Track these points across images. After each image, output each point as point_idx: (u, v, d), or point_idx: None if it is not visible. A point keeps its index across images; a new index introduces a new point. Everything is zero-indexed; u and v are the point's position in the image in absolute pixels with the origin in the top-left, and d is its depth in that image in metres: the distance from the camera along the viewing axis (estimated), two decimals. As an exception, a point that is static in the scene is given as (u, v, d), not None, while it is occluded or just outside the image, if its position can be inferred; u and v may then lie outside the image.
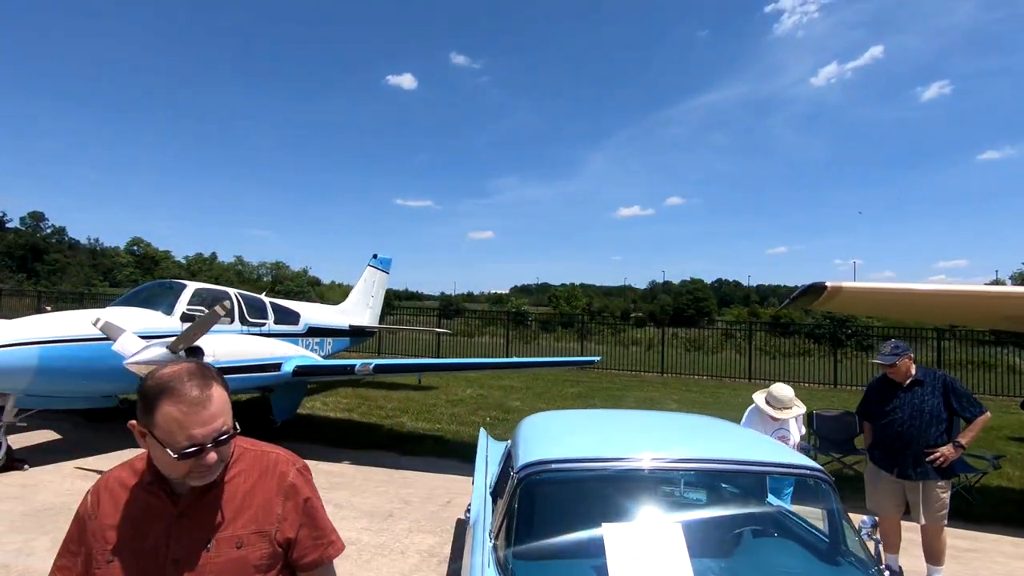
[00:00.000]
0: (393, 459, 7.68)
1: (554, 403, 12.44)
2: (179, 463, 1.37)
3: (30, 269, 60.18)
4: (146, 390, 1.42)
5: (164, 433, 1.36)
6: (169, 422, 1.35)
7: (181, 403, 1.36)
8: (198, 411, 1.38)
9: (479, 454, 5.10)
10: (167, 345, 6.14)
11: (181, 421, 1.35)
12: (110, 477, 1.58)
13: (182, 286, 8.53)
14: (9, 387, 6.37)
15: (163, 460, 1.41)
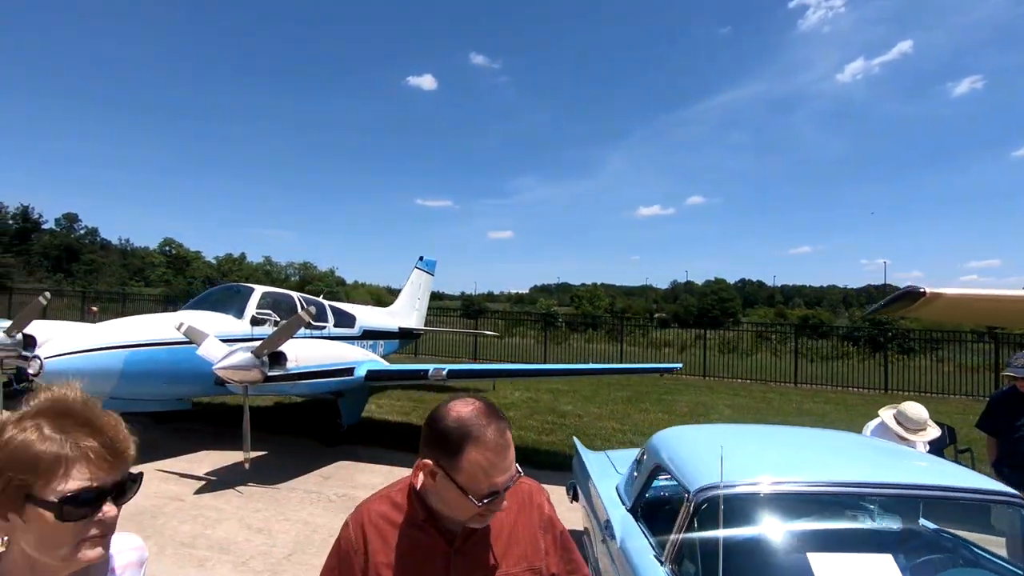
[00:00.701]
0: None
1: (605, 407, 12.29)
2: (473, 507, 1.33)
3: (65, 269, 61.91)
4: (448, 432, 1.35)
5: (468, 479, 1.32)
6: (475, 469, 1.31)
7: (488, 450, 1.32)
8: (502, 458, 1.35)
9: (581, 467, 4.94)
10: (252, 350, 6.15)
11: (487, 469, 1.32)
12: (370, 511, 1.52)
13: (250, 290, 8.60)
14: (96, 390, 6.34)
15: (455, 503, 1.36)
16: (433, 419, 1.40)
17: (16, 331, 7.31)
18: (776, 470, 2.59)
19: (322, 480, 6.74)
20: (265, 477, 6.54)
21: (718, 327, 42.21)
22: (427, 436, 1.40)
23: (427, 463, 1.36)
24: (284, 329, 6.20)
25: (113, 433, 0.98)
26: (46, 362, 5.94)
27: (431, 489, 1.39)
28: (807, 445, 3.14)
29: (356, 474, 7.03)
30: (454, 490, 1.32)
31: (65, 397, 1.00)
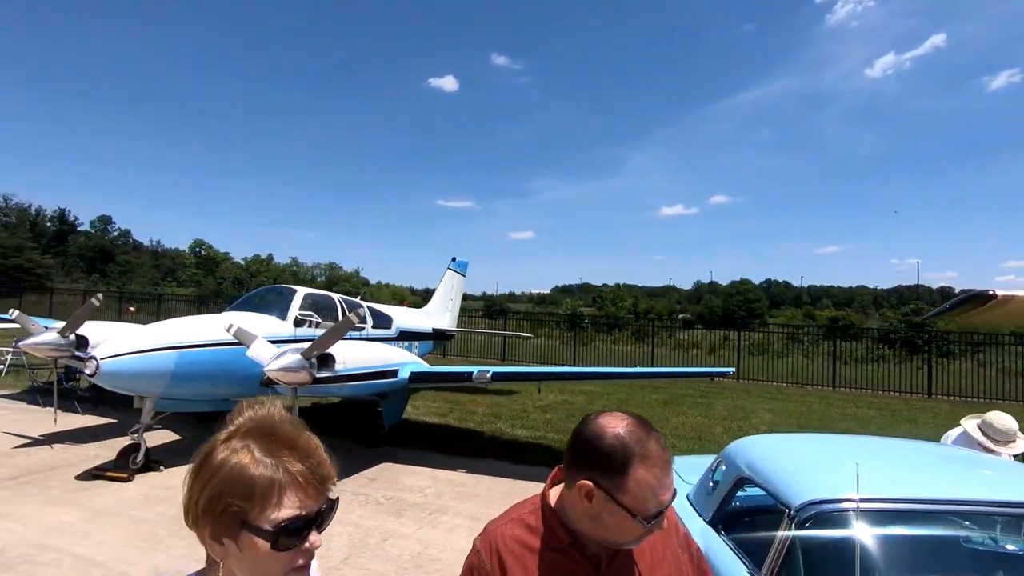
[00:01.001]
0: (507, 468, 7.54)
1: (640, 409, 12.05)
2: (639, 529, 1.24)
3: (100, 270, 63.72)
4: (610, 451, 1.25)
5: (635, 500, 1.22)
6: (643, 488, 1.22)
7: (655, 467, 1.23)
8: (667, 473, 1.26)
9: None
10: (301, 352, 6.16)
11: (655, 487, 1.23)
12: (504, 535, 1.42)
13: (292, 291, 8.65)
14: (148, 390, 6.54)
15: (618, 526, 1.26)
16: (587, 438, 1.30)
17: (70, 331, 7.46)
18: (887, 485, 2.43)
19: (368, 482, 6.73)
20: (312, 478, 6.54)
21: (744, 328, 41.44)
22: (582, 456, 1.31)
23: (586, 484, 1.27)
24: (333, 331, 6.20)
25: (318, 457, 0.92)
26: (102, 363, 6.03)
27: (586, 512, 1.29)
28: (910, 458, 2.96)
29: (401, 476, 7.00)
30: (618, 512, 1.23)
31: (271, 417, 0.94)
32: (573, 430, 1.38)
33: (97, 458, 7.10)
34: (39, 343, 7.35)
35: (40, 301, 32.33)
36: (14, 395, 10.95)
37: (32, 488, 5.97)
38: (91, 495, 5.86)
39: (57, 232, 72.08)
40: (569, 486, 1.35)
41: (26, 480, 6.20)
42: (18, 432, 8.14)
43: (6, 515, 5.23)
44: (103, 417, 9.36)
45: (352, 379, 6.50)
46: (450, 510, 5.94)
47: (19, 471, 6.49)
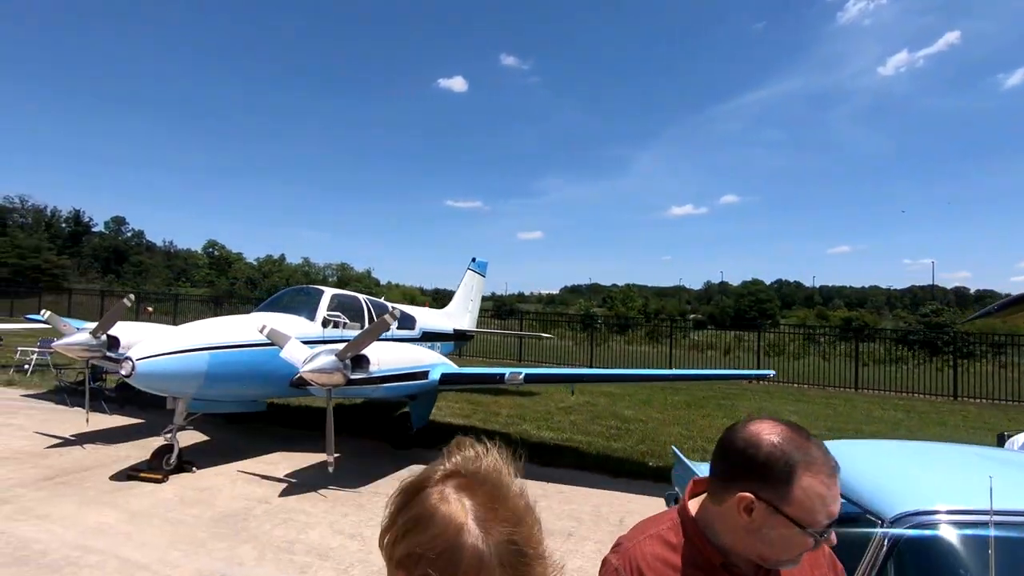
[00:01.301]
0: (536, 471, 7.44)
1: (665, 412, 11.97)
2: (806, 543, 1.15)
3: (114, 270, 64.36)
4: (772, 459, 1.16)
5: (803, 510, 1.13)
6: (812, 497, 1.13)
7: (821, 473, 1.14)
8: (835, 481, 1.17)
9: (686, 480, 4.68)
10: (335, 353, 6.12)
11: (824, 495, 1.14)
12: (643, 552, 1.32)
13: (320, 292, 8.62)
14: (182, 391, 6.53)
15: (783, 540, 1.17)
16: (740, 447, 1.21)
17: (101, 332, 7.46)
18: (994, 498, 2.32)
19: (400, 484, 6.66)
20: (344, 480, 6.50)
21: (760, 329, 40.93)
22: (737, 466, 1.21)
23: (745, 497, 1.18)
24: (369, 332, 6.15)
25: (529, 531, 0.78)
26: (137, 363, 6.02)
27: (744, 527, 1.20)
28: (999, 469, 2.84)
29: (433, 479, 6.93)
30: (784, 526, 1.14)
31: (497, 471, 0.82)
32: (719, 440, 1.29)
33: (129, 458, 7.10)
34: (72, 344, 7.37)
35: (57, 301, 32.70)
36: (41, 395, 11.02)
37: (68, 489, 5.96)
38: (127, 496, 5.84)
39: (72, 233, 72.93)
40: (718, 500, 1.26)
41: (62, 481, 6.21)
42: (49, 432, 8.17)
43: (45, 516, 5.23)
44: (131, 417, 9.38)
45: (386, 380, 6.44)
46: (486, 513, 5.86)
47: (54, 471, 6.50)
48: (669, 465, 7.85)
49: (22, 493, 5.77)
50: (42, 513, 5.29)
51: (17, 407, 9.79)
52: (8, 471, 6.43)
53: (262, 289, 46.02)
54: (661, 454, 8.44)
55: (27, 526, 4.99)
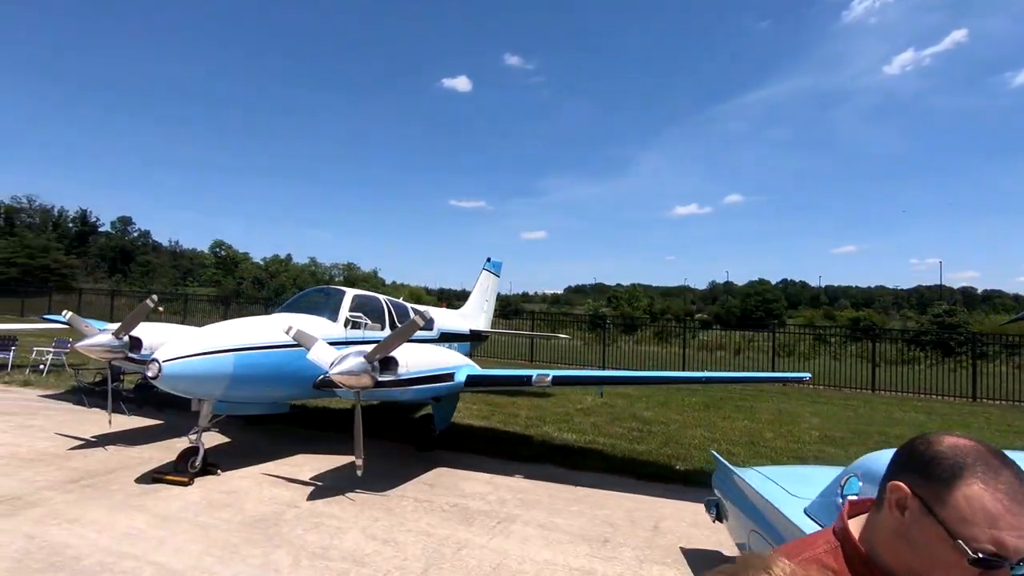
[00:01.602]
0: (564, 474, 7.36)
1: (685, 413, 11.85)
2: (954, 562, 0.98)
3: (120, 270, 64.52)
4: (941, 456, 1.03)
5: (959, 519, 0.98)
6: (976, 510, 0.97)
7: (999, 491, 0.97)
8: (1018, 511, 0.97)
9: (729, 485, 4.56)
10: (364, 355, 6.03)
11: (993, 514, 0.96)
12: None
13: (342, 293, 8.54)
14: (207, 393, 6.46)
15: (930, 550, 1.01)
16: (916, 442, 1.10)
17: (124, 333, 7.41)
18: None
19: (428, 488, 6.58)
20: (370, 483, 6.42)
21: (767, 329, 40.60)
22: (905, 459, 1.09)
23: (899, 488, 1.05)
24: (398, 334, 6.06)
25: None
26: (164, 365, 5.94)
27: (893, 529, 1.06)
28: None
29: (460, 482, 6.85)
30: (933, 529, 0.99)
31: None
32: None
33: (152, 460, 7.04)
34: (94, 345, 7.31)
35: (67, 301, 32.79)
36: (58, 395, 10.99)
37: (96, 492, 5.90)
38: (155, 499, 5.77)
39: (79, 233, 73.21)
40: (878, 506, 1.12)
41: (88, 483, 6.14)
42: (70, 433, 8.12)
43: (76, 520, 5.16)
44: (149, 418, 9.33)
45: (413, 383, 6.35)
46: (518, 518, 5.77)
47: (79, 474, 6.44)
48: (697, 468, 7.78)
49: (50, 496, 5.71)
50: (72, 517, 5.22)
51: (36, 408, 9.75)
52: (34, 473, 6.38)
53: (269, 289, 46.08)
54: (686, 457, 8.34)
55: (59, 530, 4.93)
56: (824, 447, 9.35)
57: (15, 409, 9.53)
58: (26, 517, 5.16)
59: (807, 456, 8.60)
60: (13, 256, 43.22)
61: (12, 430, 8.19)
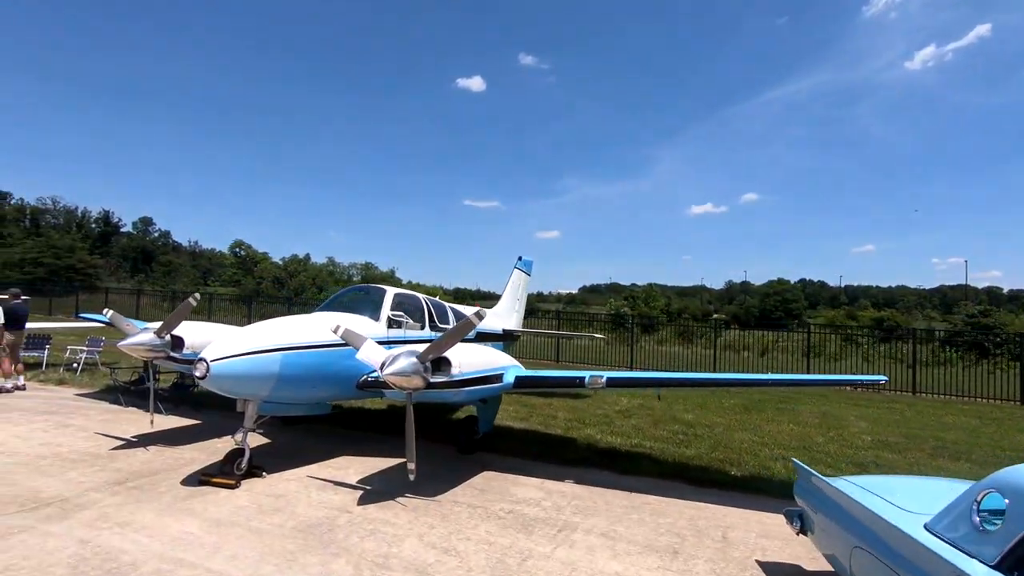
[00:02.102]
0: (615, 479, 7.08)
1: (726, 416, 11.50)
2: None
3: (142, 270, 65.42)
4: None
5: None
6: None
7: None
8: None
9: (820, 496, 4.25)
10: (416, 354, 5.81)
11: None
12: None
13: (382, 291, 8.35)
14: (254, 393, 6.29)
15: None
16: None
17: (166, 332, 7.28)
18: None
19: (479, 493, 6.34)
20: (420, 487, 6.21)
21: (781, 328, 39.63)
22: None
23: None
24: (453, 334, 5.83)
25: None
26: (212, 365, 5.78)
27: None
28: None
29: (510, 487, 6.61)
30: None
31: None
32: None
33: (194, 461, 6.90)
34: (136, 343, 7.19)
35: (92, 300, 33.22)
36: (93, 394, 10.96)
37: (143, 494, 5.75)
38: (204, 503, 5.61)
39: (102, 233, 74.46)
40: None
41: (134, 485, 6.01)
42: (109, 433, 8.03)
43: (127, 524, 5.01)
44: (186, 418, 9.24)
45: (465, 384, 6.12)
46: (578, 526, 5.51)
47: (123, 475, 6.31)
48: (753, 474, 7.46)
49: (98, 498, 5.57)
50: (123, 520, 5.07)
51: (73, 407, 9.71)
52: (79, 474, 6.27)
53: (289, 288, 46.34)
54: (739, 462, 8.02)
55: (111, 534, 4.77)
56: (880, 452, 8.96)
57: (53, 408, 9.50)
58: (77, 520, 5.03)
59: (866, 463, 8.22)
60: (40, 256, 43.95)
61: (52, 429, 8.13)
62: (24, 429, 8.05)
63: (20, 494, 5.60)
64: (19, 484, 5.88)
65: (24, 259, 42.96)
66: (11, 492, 5.64)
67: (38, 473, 6.25)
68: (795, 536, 5.00)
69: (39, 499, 5.50)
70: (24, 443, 7.37)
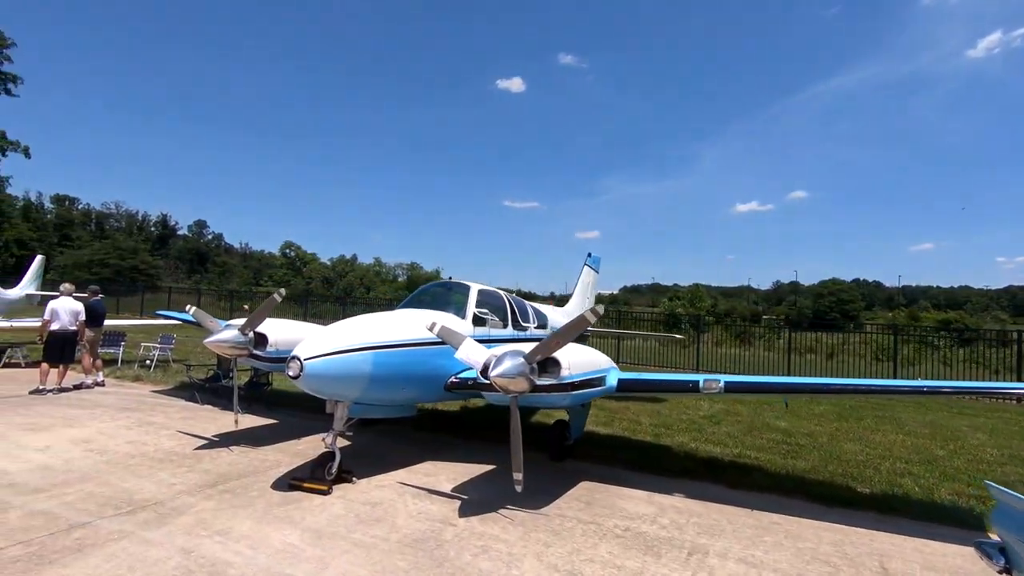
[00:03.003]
0: (727, 493, 6.41)
1: (819, 422, 10.60)
2: None
3: (197, 271, 67.90)
4: None
5: None
6: None
7: None
8: None
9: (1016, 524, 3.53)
10: (523, 355, 5.33)
11: None
12: None
13: (466, 287, 7.93)
14: (346, 394, 5.93)
15: None
16: None
17: (249, 329, 7.05)
18: None
19: (585, 506, 5.81)
20: (520, 498, 5.71)
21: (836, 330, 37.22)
22: None
23: None
24: (565, 332, 5.30)
25: None
26: (306, 364, 5.45)
27: None
28: None
29: (616, 500, 6.04)
30: None
31: None
32: None
33: (280, 464, 6.63)
34: (221, 341, 6.98)
35: (154, 299, 34.45)
36: (169, 391, 10.99)
37: (236, 499, 5.47)
38: (300, 510, 5.27)
39: (160, 236, 77.76)
40: None
41: (225, 488, 5.74)
42: (191, 432, 7.90)
43: (226, 532, 4.70)
44: (262, 417, 9.06)
45: (574, 387, 5.59)
46: (709, 550, 4.90)
47: (212, 477, 6.07)
48: (885, 493, 6.64)
49: (192, 502, 5.32)
50: (221, 528, 4.77)
51: (152, 404, 9.70)
52: (169, 475, 6.06)
53: (338, 288, 47.05)
54: (860, 477, 7.20)
55: (212, 544, 4.46)
56: (1018, 469, 7.95)
57: (133, 405, 9.50)
58: (175, 527, 4.75)
59: (1011, 483, 7.26)
60: (107, 257, 46.04)
61: (135, 427, 8.05)
62: (109, 426, 8.00)
63: (115, 495, 5.40)
64: (112, 484, 5.71)
65: (92, 260, 45.08)
66: (106, 493, 5.45)
67: (129, 473, 6.08)
68: (976, 571, 4.26)
69: (134, 501, 5.28)
70: (111, 441, 7.28)
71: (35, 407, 8.93)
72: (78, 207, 72.14)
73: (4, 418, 8.14)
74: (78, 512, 4.97)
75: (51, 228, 56.84)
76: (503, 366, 5.21)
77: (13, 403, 9.13)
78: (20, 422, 7.96)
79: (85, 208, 72.61)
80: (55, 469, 6.08)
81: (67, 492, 5.44)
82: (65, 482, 5.70)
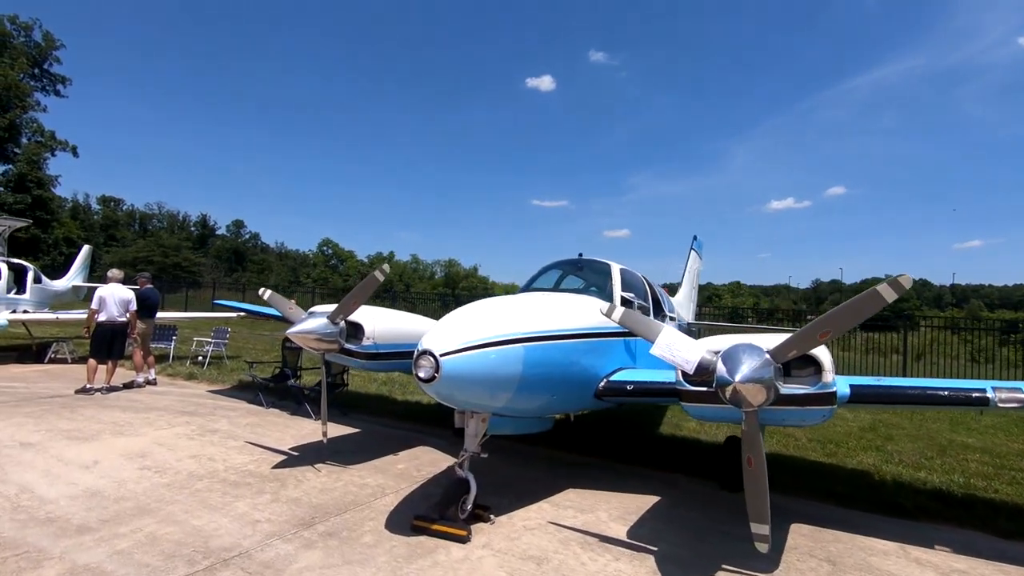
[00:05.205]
0: (1003, 546, 4.61)
1: (1001, 437, 8.59)
2: None
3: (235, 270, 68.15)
4: None
5: None
6: None
7: None
8: None
9: None
10: (765, 351, 3.63)
11: None
12: None
13: (607, 265, 6.29)
14: (487, 403, 4.34)
15: None
16: None
17: (341, 316, 5.55)
18: None
19: (832, 568, 4.08)
20: (725, 551, 4.10)
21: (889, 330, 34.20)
22: None
23: None
24: (841, 317, 3.60)
25: None
26: (443, 361, 3.87)
27: None
28: None
29: (867, 557, 4.29)
30: None
31: None
32: None
33: (384, 491, 5.11)
34: (306, 331, 5.51)
35: (197, 296, 33.92)
36: (226, 391, 9.67)
37: (345, 548, 3.93)
38: (440, 570, 3.70)
39: (200, 235, 78.58)
40: None
41: (326, 530, 4.22)
42: (262, 443, 6.48)
43: (351, 610, 3.15)
44: (339, 424, 7.57)
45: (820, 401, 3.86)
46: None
47: (305, 510, 4.57)
48: None
49: (289, 554, 3.80)
50: (343, 603, 3.22)
51: (212, 406, 8.35)
52: (249, 506, 4.58)
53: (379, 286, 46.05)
54: None
55: (339, 637, 2.91)
56: None
57: (190, 408, 8.16)
58: (277, 600, 3.22)
59: None
60: (151, 255, 46.14)
61: (197, 436, 6.66)
62: (167, 434, 6.63)
63: (184, 540, 3.93)
64: (179, 521, 4.24)
65: (137, 258, 45.20)
66: (172, 535, 3.99)
67: (198, 503, 4.62)
68: None
69: (210, 550, 3.80)
70: (171, 455, 5.87)
71: (81, 410, 7.66)
72: (123, 208, 73.41)
73: (46, 423, 6.86)
74: (137, 569, 3.49)
75: (98, 228, 57.58)
76: (745, 367, 3.52)
77: (57, 404, 7.88)
78: (64, 428, 6.66)
79: (129, 209, 73.84)
80: (105, 496, 4.67)
81: (120, 533, 3.99)
82: (117, 517, 4.27)
